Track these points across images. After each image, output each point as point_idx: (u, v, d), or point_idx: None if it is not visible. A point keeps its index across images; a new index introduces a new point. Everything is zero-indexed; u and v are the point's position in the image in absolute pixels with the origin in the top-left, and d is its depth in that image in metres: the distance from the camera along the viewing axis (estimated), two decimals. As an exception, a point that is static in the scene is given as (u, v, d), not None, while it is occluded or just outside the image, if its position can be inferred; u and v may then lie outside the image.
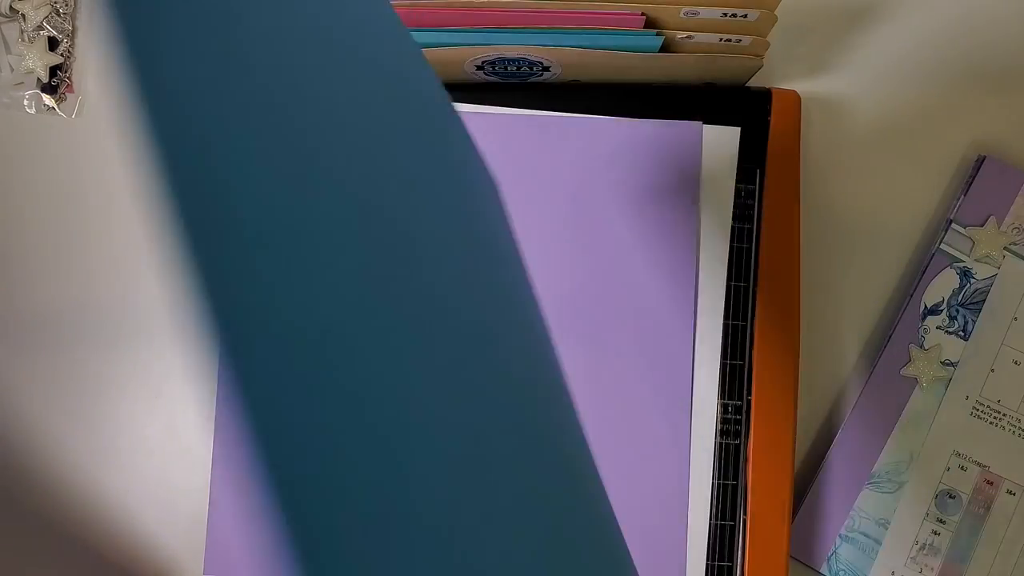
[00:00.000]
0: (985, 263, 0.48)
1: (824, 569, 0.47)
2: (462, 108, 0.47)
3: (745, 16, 0.41)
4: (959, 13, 0.51)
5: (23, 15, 0.51)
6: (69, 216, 0.51)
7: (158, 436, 0.49)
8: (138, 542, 0.49)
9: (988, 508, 0.47)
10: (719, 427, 0.46)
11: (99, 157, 0.51)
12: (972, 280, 0.48)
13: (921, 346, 0.48)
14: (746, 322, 0.46)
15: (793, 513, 0.47)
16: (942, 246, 0.48)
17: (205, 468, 0.46)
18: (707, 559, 0.45)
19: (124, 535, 0.49)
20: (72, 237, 0.50)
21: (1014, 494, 0.47)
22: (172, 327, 0.50)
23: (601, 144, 0.46)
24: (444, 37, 0.42)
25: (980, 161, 0.49)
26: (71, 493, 0.49)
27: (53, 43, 0.51)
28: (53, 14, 0.51)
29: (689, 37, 0.43)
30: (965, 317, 0.48)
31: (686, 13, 0.41)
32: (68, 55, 0.51)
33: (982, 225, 0.48)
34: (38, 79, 0.51)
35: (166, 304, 0.50)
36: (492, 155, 0.46)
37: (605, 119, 0.47)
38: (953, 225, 0.48)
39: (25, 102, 0.51)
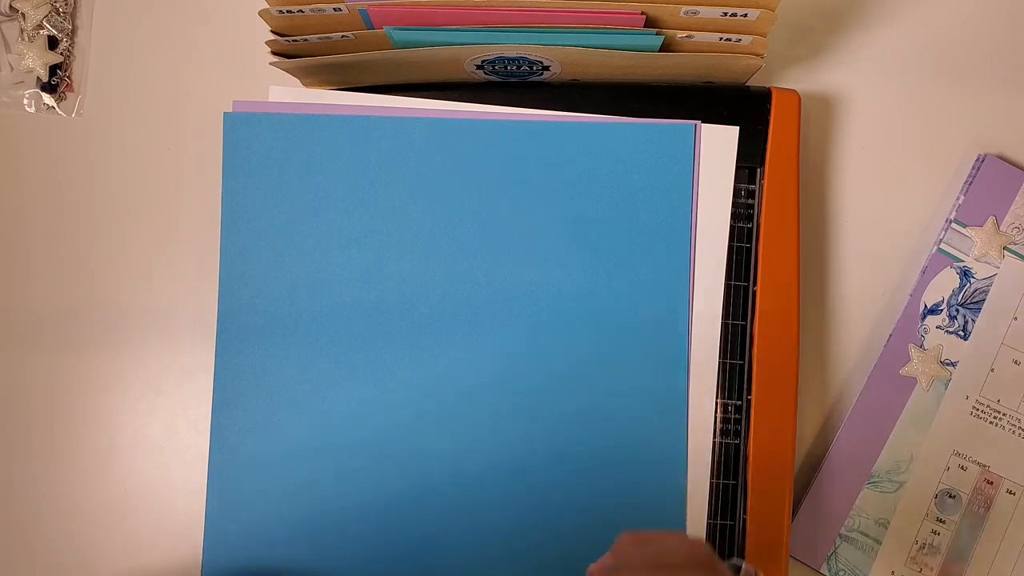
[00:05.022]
0: (985, 263, 0.48)
1: (824, 569, 0.47)
2: (462, 108, 0.47)
3: (745, 16, 0.41)
4: (959, 13, 0.51)
5: (23, 14, 0.51)
6: (69, 216, 0.51)
7: (158, 436, 0.49)
8: (137, 541, 0.49)
9: (988, 508, 0.47)
10: (719, 427, 0.46)
11: (99, 156, 0.51)
12: (972, 280, 0.48)
13: (921, 346, 0.48)
14: (746, 322, 0.46)
15: (793, 513, 0.47)
16: (942, 246, 0.48)
17: (204, 468, 0.46)
18: (707, 559, 0.45)
19: (123, 534, 0.49)
20: (72, 237, 0.50)
21: (1014, 494, 0.47)
22: (172, 327, 0.50)
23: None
24: (444, 37, 0.42)
25: (980, 161, 0.49)
26: (71, 492, 0.49)
27: (53, 42, 0.51)
28: (53, 13, 0.51)
29: (689, 36, 0.43)
30: (965, 317, 0.48)
31: (686, 12, 0.41)
32: (68, 54, 0.51)
33: (982, 225, 0.48)
34: (38, 78, 0.51)
35: (166, 304, 0.50)
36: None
37: (604, 119, 0.47)
38: (953, 225, 0.48)
39: (25, 101, 0.51)
